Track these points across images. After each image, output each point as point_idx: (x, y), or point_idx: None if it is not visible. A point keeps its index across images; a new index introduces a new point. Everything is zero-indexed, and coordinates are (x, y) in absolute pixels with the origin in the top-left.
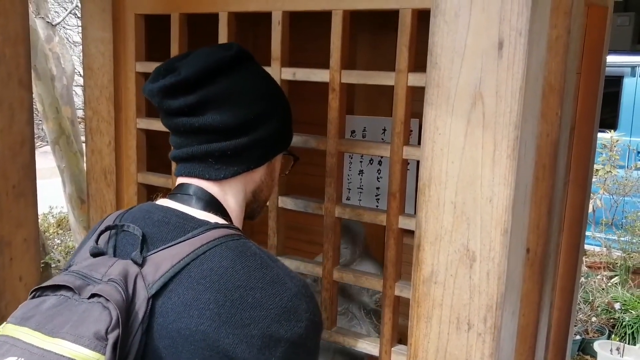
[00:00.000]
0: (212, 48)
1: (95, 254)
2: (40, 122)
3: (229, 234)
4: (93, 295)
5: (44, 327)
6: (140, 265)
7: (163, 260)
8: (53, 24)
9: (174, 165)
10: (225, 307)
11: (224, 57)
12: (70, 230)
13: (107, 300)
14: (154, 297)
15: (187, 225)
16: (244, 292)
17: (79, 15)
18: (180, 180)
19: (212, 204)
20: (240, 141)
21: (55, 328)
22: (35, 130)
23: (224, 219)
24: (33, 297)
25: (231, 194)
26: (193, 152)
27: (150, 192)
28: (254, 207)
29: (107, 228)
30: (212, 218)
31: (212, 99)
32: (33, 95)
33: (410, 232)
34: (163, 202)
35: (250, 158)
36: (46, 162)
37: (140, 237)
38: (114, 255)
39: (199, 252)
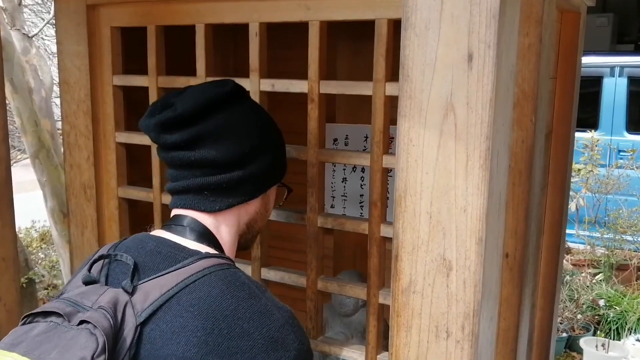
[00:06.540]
0: (207, 84)
1: (88, 282)
2: (20, 135)
3: (219, 263)
4: (82, 322)
5: (32, 352)
6: (131, 293)
7: (153, 289)
8: (30, 35)
9: (156, 181)
10: (213, 335)
11: (220, 93)
12: (53, 244)
13: (95, 327)
14: (143, 325)
15: (178, 255)
16: (231, 322)
17: None
18: (175, 211)
19: (205, 235)
20: (235, 174)
21: (42, 354)
22: (16, 143)
23: (216, 250)
24: (24, 323)
25: (225, 226)
26: (189, 185)
27: (132, 207)
28: (247, 238)
29: (101, 257)
30: (204, 249)
31: (207, 134)
32: (11, 108)
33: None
34: (157, 232)
35: (246, 190)
36: (27, 175)
37: (132, 266)
38: (106, 284)
39: (189, 281)
